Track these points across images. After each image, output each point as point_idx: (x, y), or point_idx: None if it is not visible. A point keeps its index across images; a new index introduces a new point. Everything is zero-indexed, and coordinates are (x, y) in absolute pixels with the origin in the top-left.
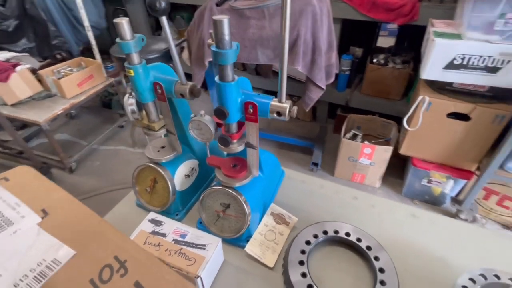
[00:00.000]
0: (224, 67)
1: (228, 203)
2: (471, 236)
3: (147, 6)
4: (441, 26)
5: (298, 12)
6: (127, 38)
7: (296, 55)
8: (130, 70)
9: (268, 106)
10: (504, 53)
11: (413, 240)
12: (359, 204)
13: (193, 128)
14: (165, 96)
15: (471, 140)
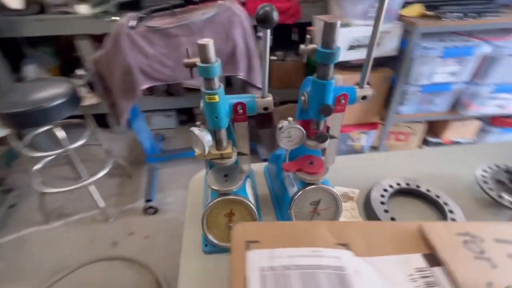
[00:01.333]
0: (327, 67)
1: (318, 199)
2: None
3: (260, 19)
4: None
5: (228, 24)
6: (212, 61)
7: (237, 63)
8: (215, 96)
9: (355, 93)
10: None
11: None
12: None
13: (283, 137)
14: (246, 116)
15: (373, 99)
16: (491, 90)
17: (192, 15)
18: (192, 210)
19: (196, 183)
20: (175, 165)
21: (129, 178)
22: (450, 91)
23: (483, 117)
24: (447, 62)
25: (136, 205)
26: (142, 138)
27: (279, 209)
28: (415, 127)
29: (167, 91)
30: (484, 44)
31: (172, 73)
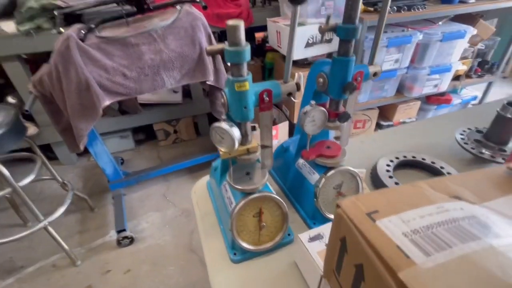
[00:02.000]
0: (349, 43)
1: (341, 182)
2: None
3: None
4: (284, 21)
5: (191, 28)
6: (243, 44)
7: (206, 69)
8: (245, 83)
9: (368, 70)
10: None
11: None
12: (365, 146)
13: (308, 121)
14: (271, 104)
15: None
16: (427, 72)
17: (150, 23)
18: (204, 221)
19: (199, 193)
20: (142, 188)
21: (92, 212)
22: (396, 77)
23: (421, 98)
24: (391, 51)
25: (107, 239)
26: (103, 164)
27: (298, 202)
28: (370, 113)
29: (120, 110)
30: (417, 32)
31: (136, 85)
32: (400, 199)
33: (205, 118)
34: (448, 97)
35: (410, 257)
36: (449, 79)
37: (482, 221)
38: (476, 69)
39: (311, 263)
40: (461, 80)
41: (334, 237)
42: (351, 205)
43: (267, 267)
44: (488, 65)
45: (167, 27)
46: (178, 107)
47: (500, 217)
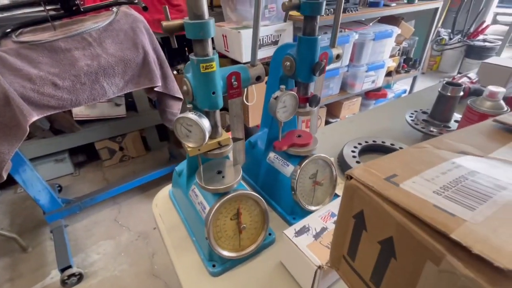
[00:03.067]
0: (314, 20)
1: (315, 171)
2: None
3: None
4: (229, 25)
5: (132, 30)
6: (206, 16)
7: (152, 73)
8: (212, 64)
9: (332, 53)
10: (276, 30)
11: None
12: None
13: (280, 107)
14: (240, 89)
15: None
16: (365, 69)
17: (82, 26)
18: (172, 235)
19: (161, 206)
20: (88, 215)
21: (25, 252)
22: (339, 75)
23: (361, 94)
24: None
25: (48, 281)
26: (35, 193)
27: (274, 199)
28: (319, 112)
29: (52, 129)
30: (353, 33)
31: (71, 95)
32: (413, 160)
33: (154, 130)
34: (383, 91)
35: (456, 215)
36: (383, 75)
37: (500, 170)
38: (403, 65)
39: (302, 258)
40: (392, 75)
41: (344, 216)
42: (365, 173)
43: (252, 273)
44: (411, 61)
45: (103, 30)
46: (122, 121)
47: (509, 164)
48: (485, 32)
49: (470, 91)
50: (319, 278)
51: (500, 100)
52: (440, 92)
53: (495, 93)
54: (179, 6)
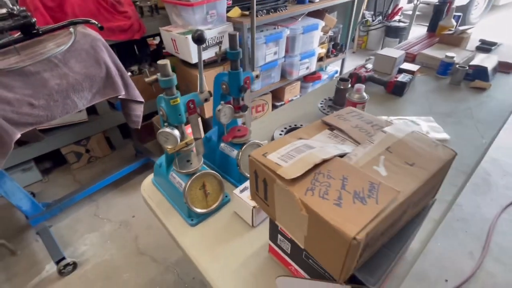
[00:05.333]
0: (236, 61)
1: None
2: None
3: (196, 39)
4: (176, 29)
5: (92, 49)
6: (171, 74)
7: (115, 84)
8: (177, 99)
9: (252, 76)
10: (219, 32)
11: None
12: None
13: (222, 115)
14: (196, 108)
15: None
16: (299, 58)
17: (44, 48)
18: (160, 207)
19: (148, 189)
20: (68, 215)
21: (15, 256)
22: (278, 66)
23: (300, 78)
24: (270, 46)
25: (45, 274)
26: (17, 201)
27: (227, 173)
28: (266, 98)
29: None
30: (285, 29)
31: (46, 112)
32: (278, 145)
33: (117, 130)
34: (318, 75)
35: (280, 164)
36: (315, 61)
37: (308, 144)
38: (332, 50)
39: (245, 205)
40: (324, 60)
41: (250, 172)
42: (255, 152)
43: (217, 222)
44: (339, 46)
45: (66, 51)
46: (85, 125)
47: (315, 141)
48: (400, 13)
49: (366, 78)
50: (255, 214)
51: (363, 93)
52: (336, 86)
53: (360, 89)
54: (126, 13)
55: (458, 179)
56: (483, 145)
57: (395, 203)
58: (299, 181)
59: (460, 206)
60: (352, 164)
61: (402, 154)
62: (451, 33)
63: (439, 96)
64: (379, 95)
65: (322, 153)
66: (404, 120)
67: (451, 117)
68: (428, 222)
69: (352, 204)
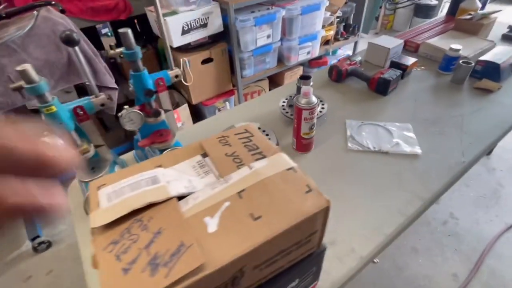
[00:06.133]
0: (136, 62)
1: None
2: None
3: (64, 40)
4: (161, 10)
5: (53, 34)
6: (36, 81)
7: (76, 71)
8: (51, 107)
9: (168, 76)
10: (203, 13)
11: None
12: None
13: (126, 122)
14: (88, 115)
15: (220, 71)
16: (297, 42)
17: (6, 33)
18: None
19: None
20: None
21: None
22: (273, 50)
23: (305, 63)
24: (263, 28)
25: (24, 249)
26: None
27: None
28: (262, 84)
29: None
30: (280, 9)
31: (5, 99)
32: (126, 173)
33: None
34: (325, 59)
35: (100, 205)
36: (318, 45)
37: (158, 177)
38: (342, 33)
39: None
40: (330, 44)
41: None
42: (94, 183)
43: None
44: (351, 28)
45: (25, 36)
46: None
47: (174, 171)
48: None
49: (348, 72)
50: None
51: (311, 97)
52: (297, 85)
53: (308, 93)
54: None
55: (409, 207)
56: (460, 165)
57: (193, 278)
58: (110, 229)
59: (456, 220)
60: (182, 212)
61: (253, 202)
62: (469, 18)
63: (430, 98)
64: (360, 93)
65: (158, 193)
66: (376, 125)
67: (435, 126)
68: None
69: (140, 273)
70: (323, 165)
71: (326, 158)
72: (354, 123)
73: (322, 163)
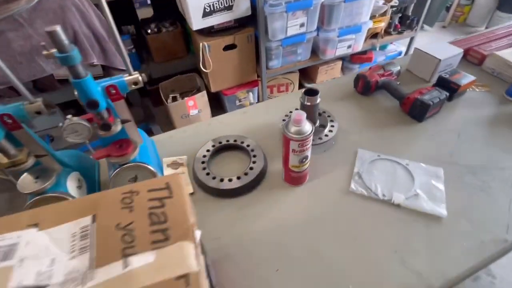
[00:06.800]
0: (76, 67)
1: (134, 175)
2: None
3: None
4: None
5: (60, 8)
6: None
7: (84, 50)
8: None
9: (124, 82)
10: None
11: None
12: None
13: (68, 134)
14: (19, 124)
15: (245, 59)
16: (336, 34)
17: (17, 5)
18: None
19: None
20: None
21: None
22: (306, 41)
23: (346, 57)
24: (296, 15)
25: None
26: None
27: None
28: (291, 77)
29: (36, 88)
30: None
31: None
32: None
33: None
34: (369, 55)
35: None
36: (362, 39)
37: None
38: (396, 25)
39: None
40: (378, 38)
41: None
42: None
43: None
44: (408, 20)
45: (33, 10)
46: None
47: (42, 237)
48: None
49: (378, 84)
50: None
51: (305, 125)
52: (300, 100)
53: (299, 120)
54: None
55: None
56: (499, 244)
57: None
58: None
59: (493, 278)
60: None
61: None
62: None
63: (482, 134)
64: (389, 113)
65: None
66: (395, 162)
67: (478, 177)
68: None
69: None
70: (312, 208)
71: (318, 198)
72: (368, 155)
73: (311, 205)
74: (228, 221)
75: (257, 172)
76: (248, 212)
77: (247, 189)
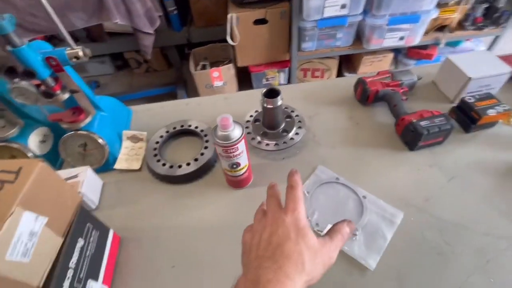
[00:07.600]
0: (8, 36)
1: (83, 142)
2: None
3: None
4: None
5: None
6: None
7: (108, 10)
8: None
9: (64, 54)
10: None
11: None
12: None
13: (16, 96)
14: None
15: (276, 36)
16: (385, 22)
17: None
18: None
19: None
20: None
21: None
22: (347, 25)
23: (402, 49)
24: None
25: None
26: None
27: None
28: (328, 63)
29: (88, 37)
30: None
31: (48, 23)
32: None
33: (174, 50)
34: (431, 51)
35: None
36: (421, 30)
37: None
38: (476, 19)
39: None
40: (445, 31)
41: None
42: None
43: None
44: (496, 14)
45: None
46: None
47: None
48: None
49: (377, 95)
50: None
51: (232, 129)
52: (261, 101)
53: (226, 124)
54: None
55: None
56: None
57: None
58: None
59: None
60: None
61: None
62: None
63: (482, 185)
64: (380, 131)
65: None
66: (352, 191)
67: (443, 234)
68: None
69: None
70: (240, 215)
71: (252, 207)
72: (326, 175)
73: (241, 212)
74: (156, 206)
75: (202, 162)
76: (178, 202)
77: (189, 179)
